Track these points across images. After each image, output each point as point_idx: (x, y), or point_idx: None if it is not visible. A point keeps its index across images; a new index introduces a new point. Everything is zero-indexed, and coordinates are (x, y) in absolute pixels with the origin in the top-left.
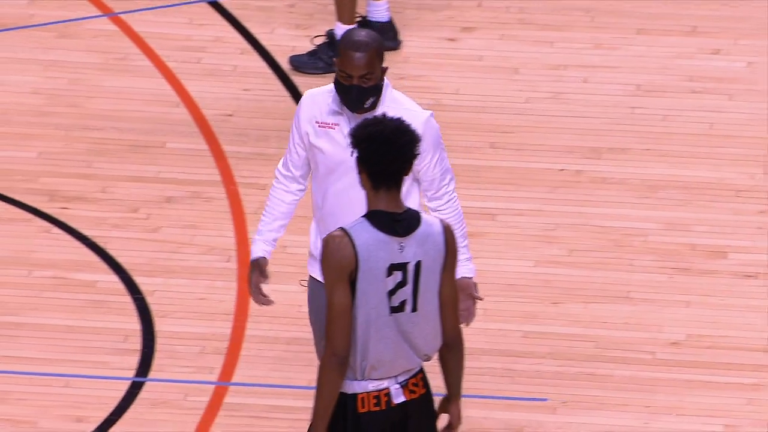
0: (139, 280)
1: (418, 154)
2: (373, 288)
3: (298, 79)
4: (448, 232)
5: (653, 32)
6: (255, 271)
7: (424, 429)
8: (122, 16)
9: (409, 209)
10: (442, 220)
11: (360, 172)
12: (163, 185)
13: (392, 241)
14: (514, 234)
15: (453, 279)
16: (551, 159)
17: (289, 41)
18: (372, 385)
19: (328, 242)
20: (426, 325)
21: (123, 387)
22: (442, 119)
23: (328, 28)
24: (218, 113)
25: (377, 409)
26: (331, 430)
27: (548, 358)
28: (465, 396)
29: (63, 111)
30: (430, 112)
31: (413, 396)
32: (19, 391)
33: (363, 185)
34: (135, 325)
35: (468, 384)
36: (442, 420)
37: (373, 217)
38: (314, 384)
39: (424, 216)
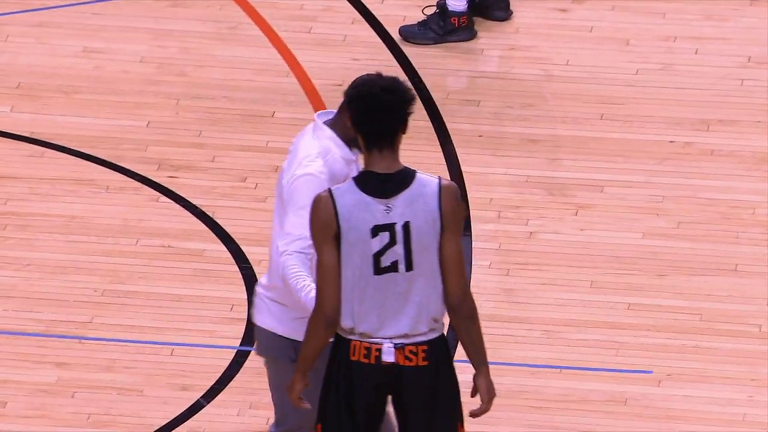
0: (246, 249)
1: (411, 113)
2: (355, 249)
3: (408, 50)
4: (445, 192)
5: (766, 4)
6: None
7: (424, 405)
8: None
9: (405, 169)
10: (442, 180)
11: (354, 133)
12: (271, 155)
13: (377, 203)
14: (622, 206)
15: (454, 240)
16: (660, 131)
17: (400, 11)
18: (366, 338)
19: (314, 203)
20: (426, 285)
21: (229, 356)
22: (552, 90)
23: None
24: (328, 83)
25: (366, 361)
26: (328, 370)
27: (653, 330)
28: (568, 368)
29: (173, 80)
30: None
31: (409, 363)
32: (127, 359)
33: (359, 146)
34: (242, 294)
35: (572, 356)
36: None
37: (360, 178)
38: None
39: (419, 176)
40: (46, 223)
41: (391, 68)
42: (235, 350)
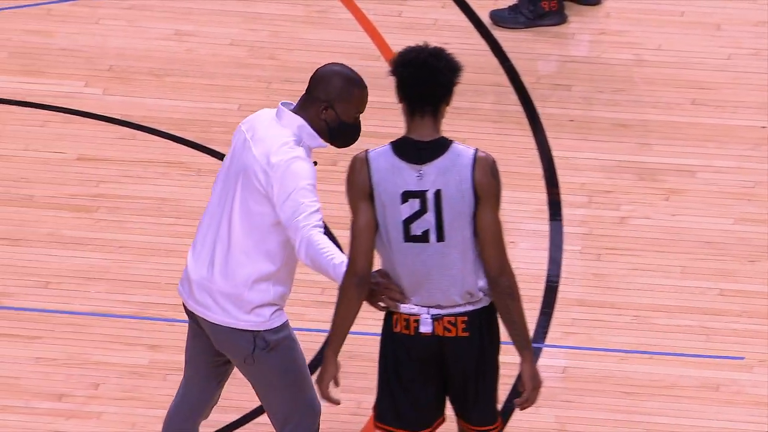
0: (337, 233)
1: (456, 83)
2: (387, 213)
3: (498, 34)
4: (480, 163)
5: None
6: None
7: (468, 377)
8: None
9: (443, 138)
10: (478, 151)
11: (399, 101)
12: (361, 138)
13: (410, 169)
14: (714, 191)
15: (490, 212)
16: (752, 116)
17: None
18: (405, 308)
19: (351, 163)
20: (460, 258)
21: (320, 339)
22: (643, 75)
23: None
24: None
25: (406, 332)
26: (380, 347)
27: (744, 316)
28: (658, 353)
29: (263, 63)
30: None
31: (448, 334)
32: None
33: (403, 113)
34: None
35: (663, 341)
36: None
37: (397, 143)
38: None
39: (455, 146)
40: (138, 206)
41: (482, 52)
42: (326, 333)
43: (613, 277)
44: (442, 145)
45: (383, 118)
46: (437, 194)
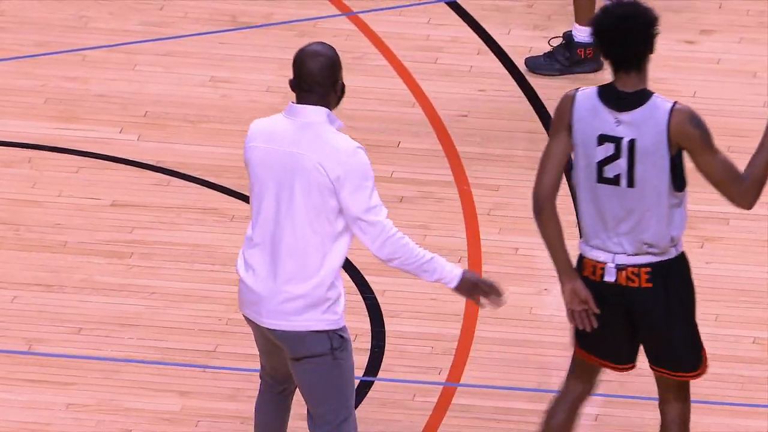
0: (370, 279)
1: (654, 34)
2: (583, 150)
3: (533, 81)
4: (677, 114)
5: None
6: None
7: (655, 328)
8: (361, 15)
9: (645, 90)
10: (676, 104)
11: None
12: (396, 185)
13: (608, 113)
14: (749, 239)
15: (707, 157)
16: None
17: (526, 42)
18: (591, 254)
19: (562, 98)
20: (648, 207)
21: None
22: None
23: (565, 30)
24: (453, 113)
25: (593, 278)
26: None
27: None
28: (694, 402)
29: None
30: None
31: (631, 284)
32: (251, 389)
33: None
34: (365, 324)
35: (696, 389)
36: None
37: (603, 88)
38: (544, 387)
39: (655, 98)
40: (171, 252)
41: (518, 99)
42: (359, 380)
43: None
44: (642, 97)
45: (418, 165)
46: (631, 143)
